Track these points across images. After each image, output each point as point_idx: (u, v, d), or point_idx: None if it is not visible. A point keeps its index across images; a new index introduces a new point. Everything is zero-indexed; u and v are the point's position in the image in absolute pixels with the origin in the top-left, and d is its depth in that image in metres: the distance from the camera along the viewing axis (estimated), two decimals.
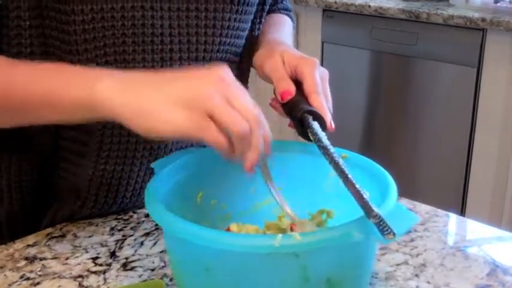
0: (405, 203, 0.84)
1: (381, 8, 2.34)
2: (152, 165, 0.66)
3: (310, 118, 0.63)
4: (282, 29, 0.90)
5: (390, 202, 0.53)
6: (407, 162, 2.45)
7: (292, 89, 0.68)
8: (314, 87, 0.67)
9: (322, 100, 0.67)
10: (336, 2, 2.48)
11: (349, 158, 0.66)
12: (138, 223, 0.79)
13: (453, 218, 0.82)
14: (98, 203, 0.78)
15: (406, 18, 2.29)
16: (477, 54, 2.16)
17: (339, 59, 2.55)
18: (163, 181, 0.62)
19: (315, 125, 0.62)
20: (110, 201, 0.79)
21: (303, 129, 0.64)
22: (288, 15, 0.97)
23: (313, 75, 0.68)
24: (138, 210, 0.82)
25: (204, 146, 0.81)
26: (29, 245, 0.74)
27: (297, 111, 0.64)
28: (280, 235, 0.49)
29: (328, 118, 0.65)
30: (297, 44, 2.64)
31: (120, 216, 0.81)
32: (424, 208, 0.83)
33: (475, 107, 2.21)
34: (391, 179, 0.59)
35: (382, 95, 2.52)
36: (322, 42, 2.61)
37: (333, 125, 0.65)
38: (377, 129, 2.57)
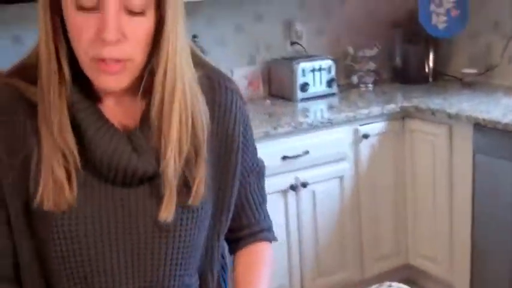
0: None
1: None
2: None
3: None
4: (256, 276, 1.01)
5: None
6: None
7: None
8: None
9: None
10: (484, 120, 2.58)
11: None
12: None
13: None
14: None
15: None
16: None
17: (490, 170, 2.62)
18: None
19: None
20: None
21: None
22: (267, 238, 1.04)
23: None
24: None
25: None
26: None
27: None
28: None
29: None
30: (450, 153, 2.79)
31: None
32: None
33: None
34: None
35: None
36: (474, 153, 2.70)
37: None
38: None
